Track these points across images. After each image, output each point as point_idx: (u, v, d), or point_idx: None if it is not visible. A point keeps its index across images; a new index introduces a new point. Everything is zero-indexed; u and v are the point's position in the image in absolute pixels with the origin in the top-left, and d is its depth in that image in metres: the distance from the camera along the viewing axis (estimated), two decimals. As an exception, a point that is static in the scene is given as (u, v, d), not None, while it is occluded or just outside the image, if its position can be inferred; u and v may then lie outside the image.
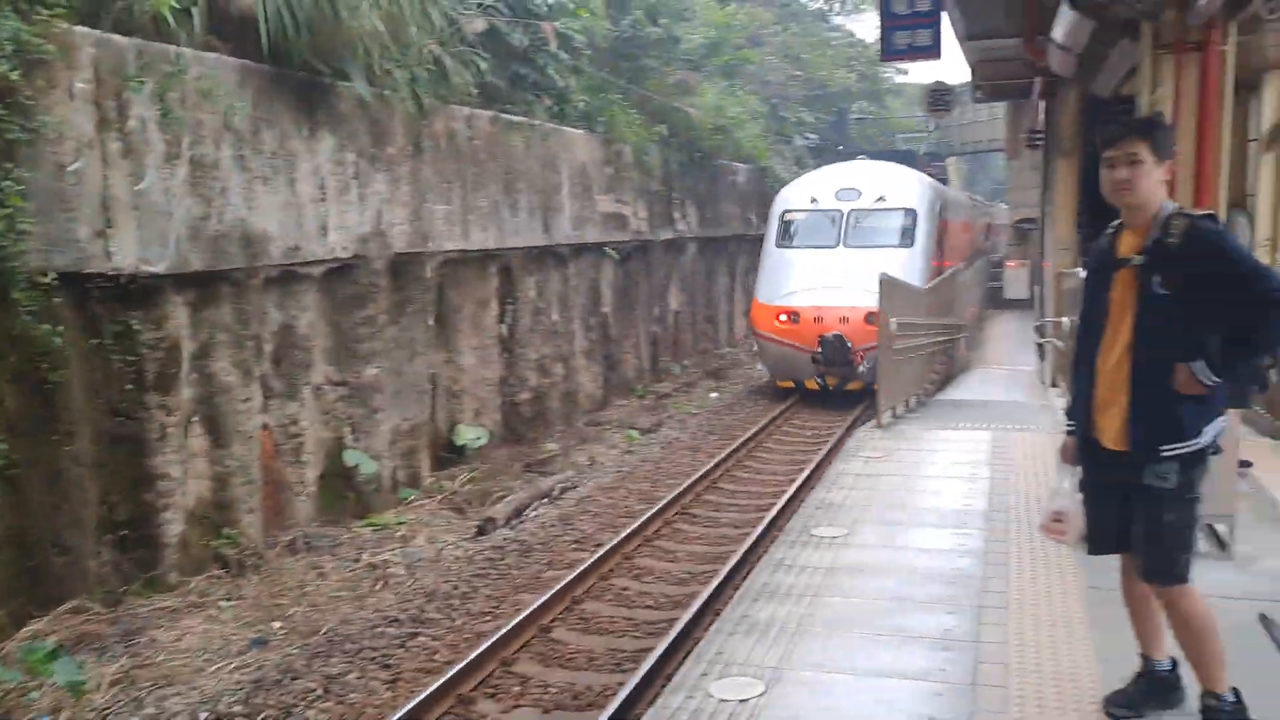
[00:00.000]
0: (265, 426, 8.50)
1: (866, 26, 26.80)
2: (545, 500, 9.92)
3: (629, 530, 8.15)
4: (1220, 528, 5.05)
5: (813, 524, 5.75)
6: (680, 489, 9.37)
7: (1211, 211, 3.16)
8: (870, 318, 11.23)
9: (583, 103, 12.46)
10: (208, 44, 7.62)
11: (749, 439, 11.55)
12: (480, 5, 10.08)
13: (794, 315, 13.25)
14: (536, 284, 12.29)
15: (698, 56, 15.61)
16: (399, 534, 8.87)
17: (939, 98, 7.56)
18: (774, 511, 8.56)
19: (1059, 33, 6.16)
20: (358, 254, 9.08)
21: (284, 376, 8.66)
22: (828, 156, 25.29)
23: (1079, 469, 3.43)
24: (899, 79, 33.74)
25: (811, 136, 23.75)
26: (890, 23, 5.65)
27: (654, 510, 8.69)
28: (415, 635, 6.56)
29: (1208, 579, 4.70)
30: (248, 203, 7.82)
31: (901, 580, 4.87)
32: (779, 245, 14.17)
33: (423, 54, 9.19)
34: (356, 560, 8.17)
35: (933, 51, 5.84)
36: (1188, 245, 3.08)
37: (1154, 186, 3.17)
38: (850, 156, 23.95)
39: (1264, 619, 3.87)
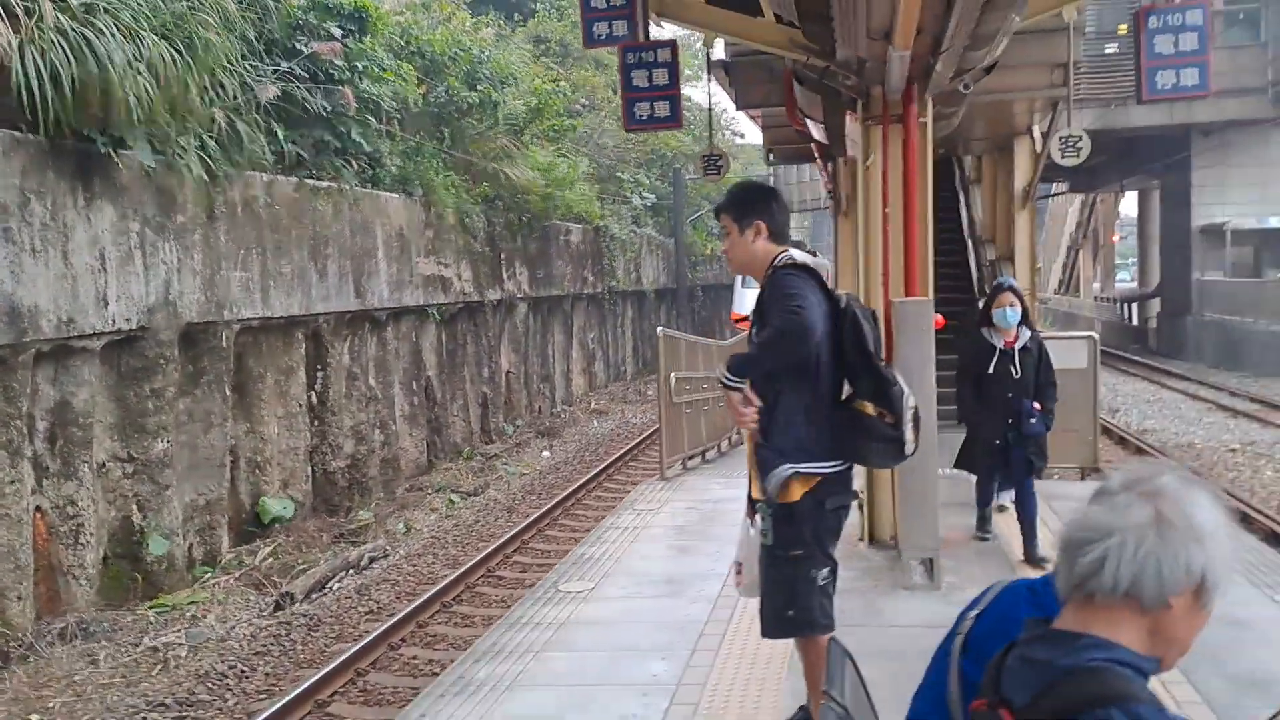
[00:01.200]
0: (38, 509, 8.09)
1: (701, 93, 27.72)
2: (350, 571, 9.70)
3: (424, 598, 8.03)
4: (932, 561, 5.38)
5: (564, 579, 5.82)
6: (486, 553, 9.31)
7: (801, 262, 3.29)
8: None
9: (396, 167, 12.45)
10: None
11: (567, 497, 11.58)
12: (276, 72, 10.00)
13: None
14: (350, 349, 12.12)
15: (521, 122, 15.82)
16: (189, 614, 8.52)
17: (711, 163, 7.93)
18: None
19: (803, 105, 6.55)
20: (143, 325, 8.80)
21: (60, 455, 8.28)
22: (665, 215, 25.94)
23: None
24: (739, 141, 34.93)
25: (649, 196, 24.29)
26: (631, 95, 5.89)
27: (454, 576, 8.61)
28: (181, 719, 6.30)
29: (916, 609, 4.96)
30: (14, 276, 7.51)
31: (628, 631, 4.97)
32: None
33: (212, 121, 9.04)
34: (136, 645, 7.79)
35: (673, 122, 6.11)
36: (764, 290, 3.30)
37: (748, 249, 3.38)
38: (688, 215, 24.53)
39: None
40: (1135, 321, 33.28)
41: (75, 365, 8.31)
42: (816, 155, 10.08)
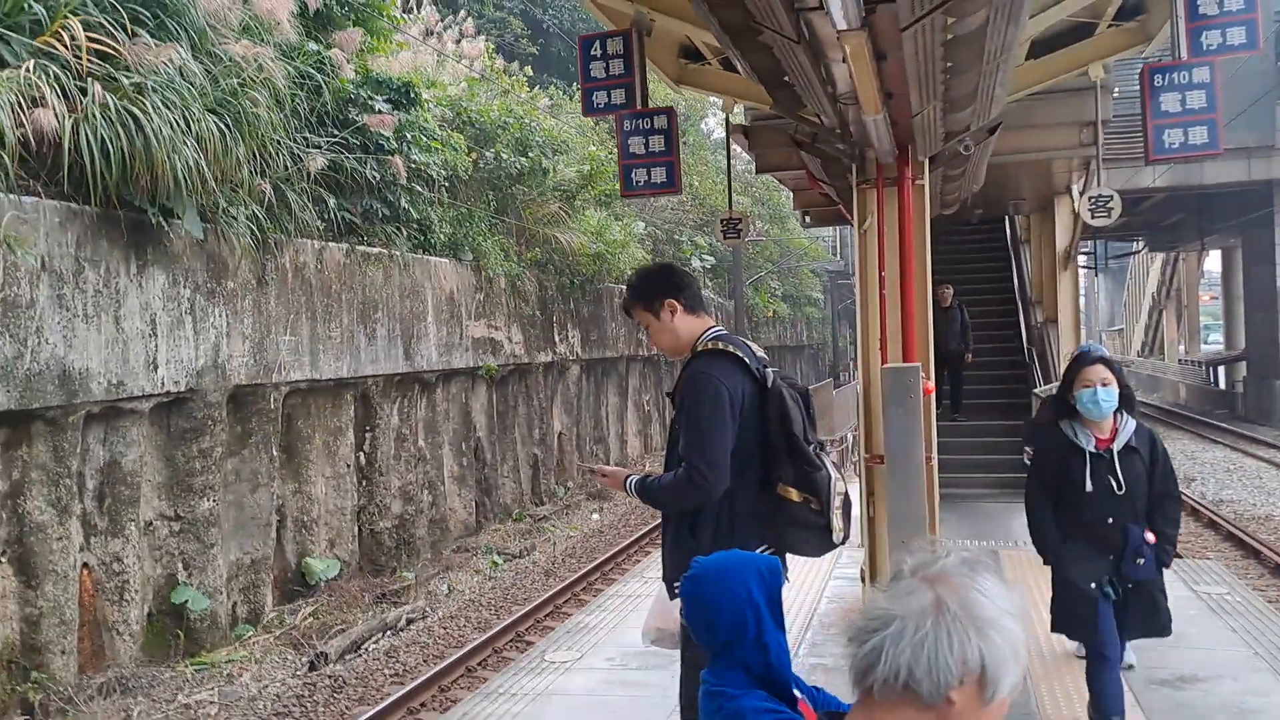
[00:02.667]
0: (85, 565, 8.36)
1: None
2: (388, 632, 9.78)
3: (448, 662, 8.05)
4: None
5: (553, 648, 5.79)
6: (516, 616, 9.30)
7: (723, 347, 3.23)
8: None
9: (446, 233, 12.77)
10: (26, 186, 7.79)
11: (606, 561, 11.54)
12: (327, 143, 10.40)
13: None
14: (399, 410, 12.35)
15: (573, 188, 16.13)
16: (226, 672, 8.68)
17: (730, 226, 7.97)
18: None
19: (812, 168, 6.57)
20: (192, 387, 9.11)
21: (108, 513, 8.56)
22: (725, 276, 26.01)
23: None
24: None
25: (708, 258, 24.42)
26: (628, 161, 5.98)
27: (480, 640, 8.61)
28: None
29: None
30: (66, 340, 7.87)
31: (603, 707, 4.88)
32: None
33: (261, 192, 9.42)
34: (170, 701, 7.96)
35: (671, 187, 6.17)
36: (682, 375, 3.25)
37: (670, 330, 3.34)
38: (749, 276, 24.56)
39: None
40: (1221, 385, 32.06)
41: (124, 426, 8.63)
42: (846, 217, 10.06)
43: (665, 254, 22.15)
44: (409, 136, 11.37)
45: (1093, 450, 4.31)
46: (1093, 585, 4.32)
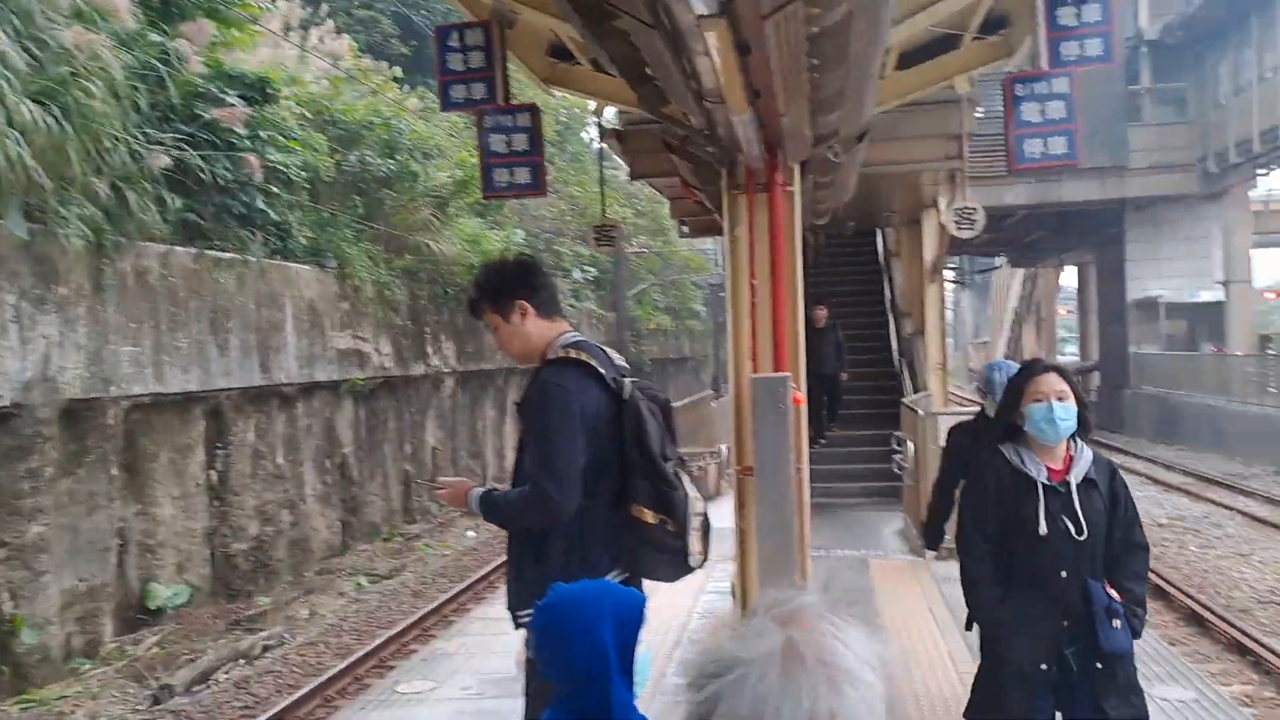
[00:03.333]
0: (-108, 598, 7.57)
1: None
2: (242, 661, 9.18)
3: (303, 692, 7.56)
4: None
5: (407, 678, 5.44)
6: (379, 641, 8.85)
7: (576, 356, 3.00)
8: None
9: (307, 238, 12.19)
10: None
11: (480, 579, 11.15)
12: (173, 139, 9.76)
13: None
14: (256, 427, 11.70)
15: (446, 194, 15.67)
16: (57, 710, 7.97)
17: (603, 234, 7.78)
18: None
19: (684, 174, 6.40)
20: (17, 402, 8.36)
21: (-81, 540, 7.78)
22: (608, 289, 25.87)
23: None
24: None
25: (590, 269, 24.22)
26: (490, 160, 5.71)
27: (341, 667, 8.14)
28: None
29: None
30: None
31: None
32: None
33: (97, 191, 8.74)
34: (-13, 747, 7.25)
35: (536, 189, 5.92)
36: (530, 386, 3.02)
37: (522, 335, 3.09)
38: (631, 288, 24.46)
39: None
40: (1078, 394, 33.50)
41: (-63, 445, 7.86)
42: (720, 225, 9.96)
43: (545, 264, 21.82)
44: (264, 135, 10.79)
45: (1045, 482, 3.33)
46: (1042, 666, 3.25)
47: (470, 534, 14.83)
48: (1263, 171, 26.35)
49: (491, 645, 6.10)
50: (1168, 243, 27.27)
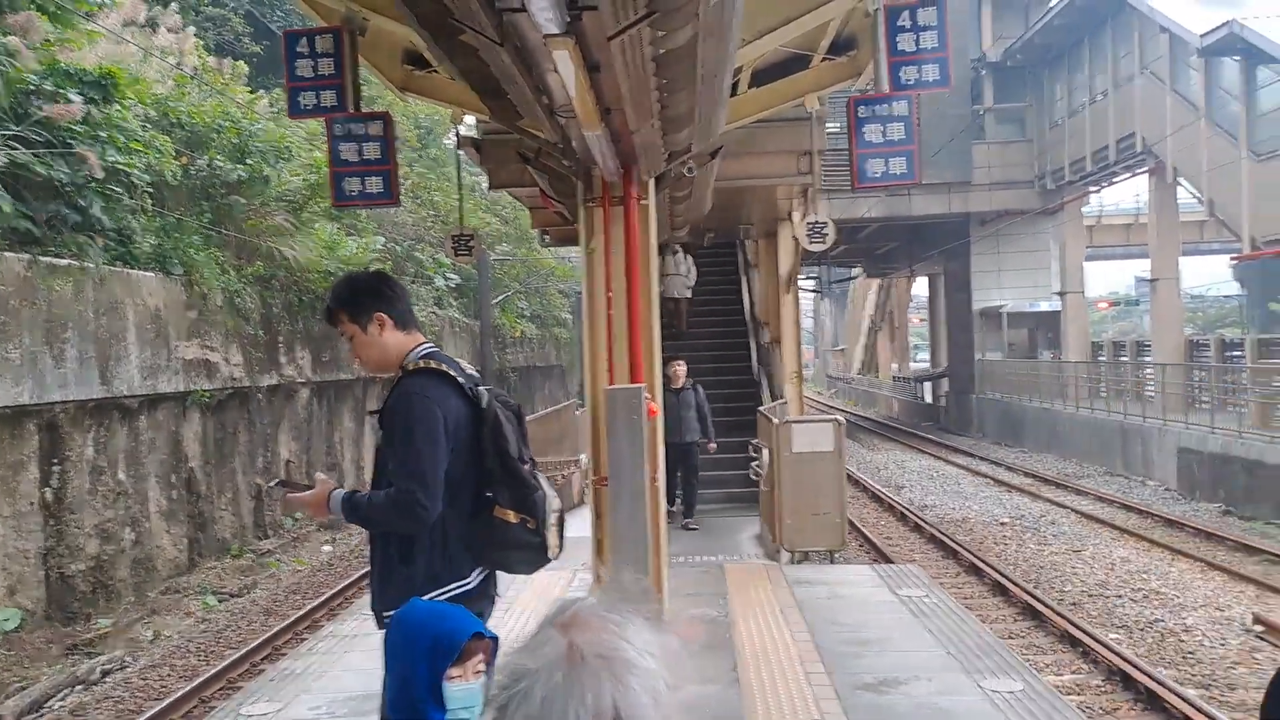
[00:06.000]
0: None
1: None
2: (79, 687, 8.69)
3: (144, 718, 7.22)
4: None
5: (251, 699, 5.27)
6: (227, 663, 8.52)
7: (434, 366, 3.07)
8: None
9: (151, 244, 11.65)
10: None
11: (335, 595, 10.86)
12: (5, 138, 9.20)
13: None
14: (95, 441, 11.10)
15: (300, 198, 15.23)
16: None
17: (461, 243, 7.73)
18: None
19: (543, 185, 6.42)
20: None
21: None
22: (472, 296, 25.59)
23: None
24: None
25: (453, 277, 23.91)
26: (339, 169, 5.61)
27: (186, 690, 7.80)
28: None
29: None
30: None
31: None
32: None
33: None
34: None
35: (388, 199, 5.84)
36: (390, 396, 3.07)
37: (379, 346, 3.13)
38: (495, 296, 24.28)
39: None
40: (928, 399, 35.03)
41: None
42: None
43: (406, 271, 21.46)
44: (104, 135, 10.26)
45: None
46: None
47: (326, 549, 14.42)
48: (1094, 189, 28.16)
49: (344, 662, 5.95)
50: (1010, 255, 28.82)
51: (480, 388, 3.15)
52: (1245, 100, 19.61)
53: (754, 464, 9.73)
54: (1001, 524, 14.76)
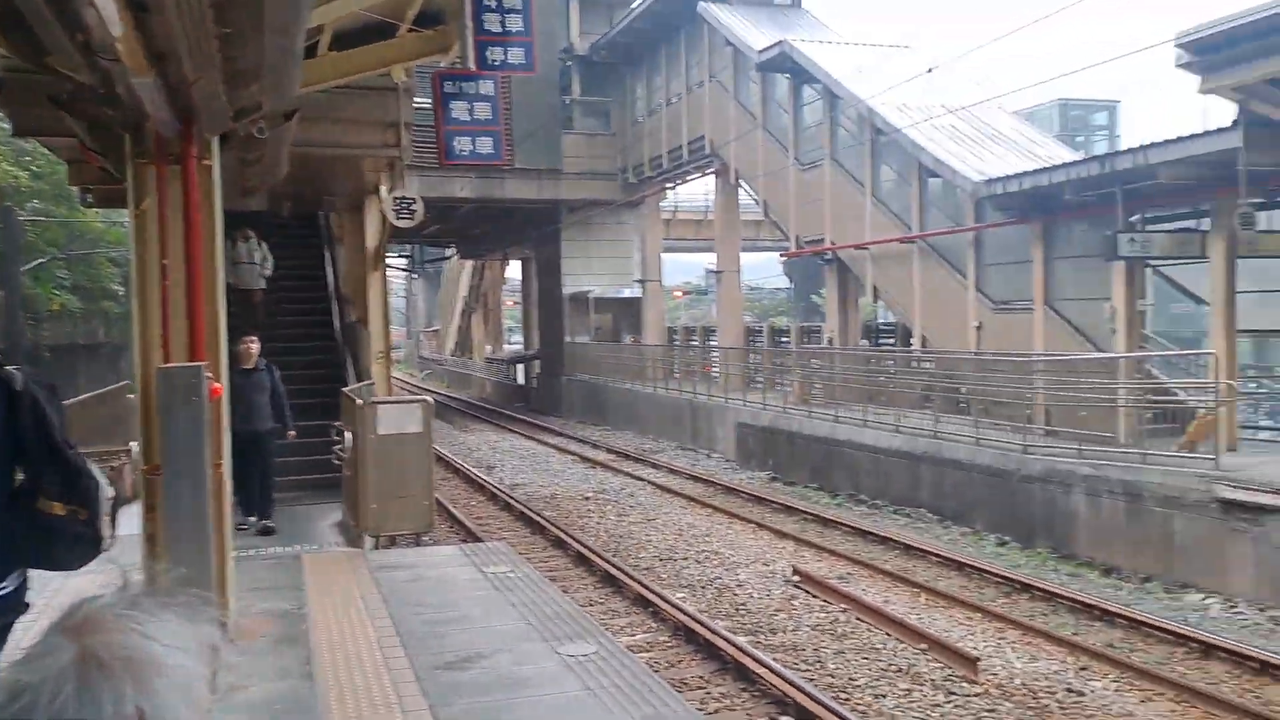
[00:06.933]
0: None
1: None
2: None
3: None
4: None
5: None
6: None
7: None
8: None
9: None
10: None
11: None
12: None
13: None
14: None
15: None
16: None
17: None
18: None
19: (83, 135, 5.64)
20: None
21: None
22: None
23: None
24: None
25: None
26: None
27: None
28: None
29: None
30: None
31: None
32: None
33: None
34: None
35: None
36: None
37: None
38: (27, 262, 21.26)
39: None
40: (520, 381, 36.01)
41: None
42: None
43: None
44: None
45: None
46: None
47: None
48: (670, 185, 30.45)
49: None
50: (597, 243, 30.34)
51: (12, 369, 2.79)
52: (793, 114, 22.17)
53: (337, 448, 9.33)
54: (586, 498, 15.52)
